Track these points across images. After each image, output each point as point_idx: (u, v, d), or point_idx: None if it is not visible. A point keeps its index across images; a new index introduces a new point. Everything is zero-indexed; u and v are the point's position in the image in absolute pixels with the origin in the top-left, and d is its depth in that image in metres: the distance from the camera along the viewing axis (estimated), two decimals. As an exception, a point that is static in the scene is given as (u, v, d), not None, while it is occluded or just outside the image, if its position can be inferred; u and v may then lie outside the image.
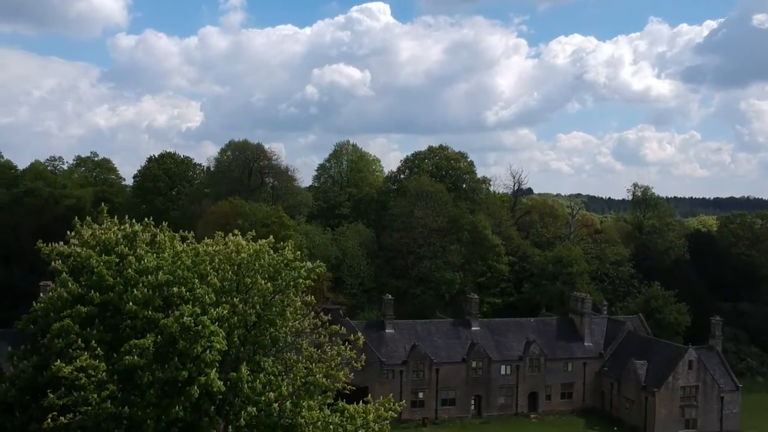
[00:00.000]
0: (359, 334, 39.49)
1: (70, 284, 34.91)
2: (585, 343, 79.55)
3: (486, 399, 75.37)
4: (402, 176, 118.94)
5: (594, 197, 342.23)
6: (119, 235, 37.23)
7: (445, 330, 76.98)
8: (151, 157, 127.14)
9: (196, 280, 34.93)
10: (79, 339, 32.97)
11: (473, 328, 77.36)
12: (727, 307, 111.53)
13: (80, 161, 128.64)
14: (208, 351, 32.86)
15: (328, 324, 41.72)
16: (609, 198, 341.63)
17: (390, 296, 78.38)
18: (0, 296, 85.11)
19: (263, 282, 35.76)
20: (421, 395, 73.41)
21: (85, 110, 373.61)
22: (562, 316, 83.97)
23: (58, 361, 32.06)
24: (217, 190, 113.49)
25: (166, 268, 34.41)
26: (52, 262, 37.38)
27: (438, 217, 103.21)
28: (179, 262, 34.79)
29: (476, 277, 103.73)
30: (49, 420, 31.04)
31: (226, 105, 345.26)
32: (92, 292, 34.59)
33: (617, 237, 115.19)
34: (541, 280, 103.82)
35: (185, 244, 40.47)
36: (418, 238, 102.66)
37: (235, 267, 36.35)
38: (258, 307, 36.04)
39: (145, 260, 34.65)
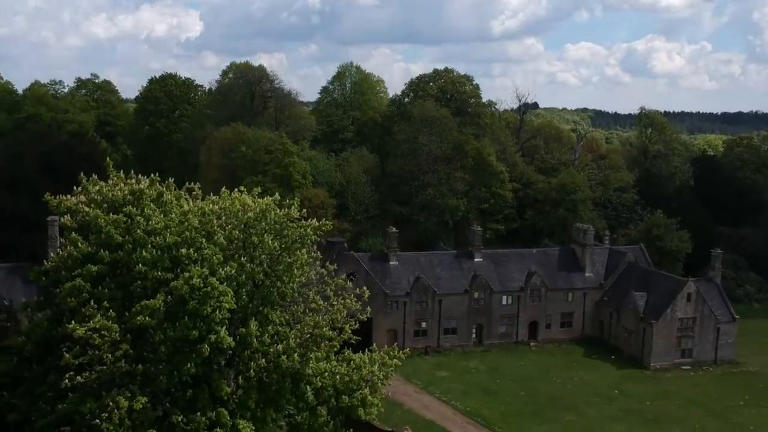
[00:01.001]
0: (365, 288, 40.05)
1: (80, 243, 35.37)
2: (586, 274, 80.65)
3: (487, 328, 77.17)
4: (406, 100, 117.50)
5: (600, 112, 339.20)
6: (125, 192, 37.40)
7: (448, 262, 77.99)
8: (152, 78, 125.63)
9: (204, 240, 35.31)
10: (92, 300, 33.69)
11: (476, 260, 78.36)
12: (729, 233, 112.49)
13: (81, 83, 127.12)
14: (217, 311, 33.61)
15: (334, 272, 42.44)
16: (615, 113, 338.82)
17: (394, 229, 78.97)
18: (7, 224, 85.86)
19: (270, 241, 36.14)
20: (423, 325, 75.16)
21: (83, 19, 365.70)
22: (563, 247, 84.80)
23: (72, 322, 32.86)
24: (220, 114, 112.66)
25: (173, 229, 34.73)
26: (61, 218, 37.79)
27: (442, 144, 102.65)
28: (186, 223, 35.07)
29: (480, 204, 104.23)
30: (67, 380, 32.09)
31: (226, 14, 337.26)
32: (102, 251, 35.10)
33: (622, 162, 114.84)
34: (545, 207, 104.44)
35: (191, 197, 40.80)
36: (423, 164, 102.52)
37: (242, 225, 36.64)
38: (265, 265, 36.57)
39: (153, 221, 34.93)
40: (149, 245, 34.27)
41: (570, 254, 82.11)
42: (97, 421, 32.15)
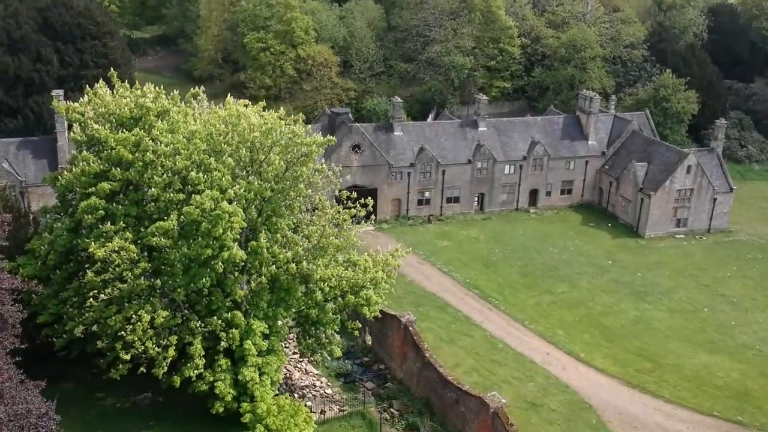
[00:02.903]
0: (369, 198, 41.17)
1: (91, 162, 36.28)
2: (589, 142, 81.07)
3: (489, 196, 78.99)
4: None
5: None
6: (131, 106, 37.71)
7: (452, 131, 78.19)
8: None
9: (212, 160, 36.13)
10: (107, 217, 35.20)
11: (480, 129, 78.54)
12: (738, 88, 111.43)
13: None
14: (229, 231, 35.17)
15: (339, 173, 43.40)
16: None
17: (399, 99, 78.40)
18: (10, 86, 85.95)
19: (276, 160, 36.94)
20: (427, 194, 76.93)
21: None
22: (568, 114, 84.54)
23: (91, 238, 34.58)
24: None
25: (183, 153, 35.46)
26: (71, 132, 38.43)
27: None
28: (194, 147, 35.72)
29: (487, 61, 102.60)
30: (91, 299, 34.36)
31: None
32: (114, 168, 36.12)
33: (635, 15, 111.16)
34: (553, 64, 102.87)
35: (196, 104, 41.08)
36: (429, 19, 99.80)
37: (248, 143, 37.26)
38: (272, 182, 37.61)
39: (162, 144, 35.58)
40: (159, 168, 35.22)
41: (574, 122, 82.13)
42: (123, 333, 34.89)
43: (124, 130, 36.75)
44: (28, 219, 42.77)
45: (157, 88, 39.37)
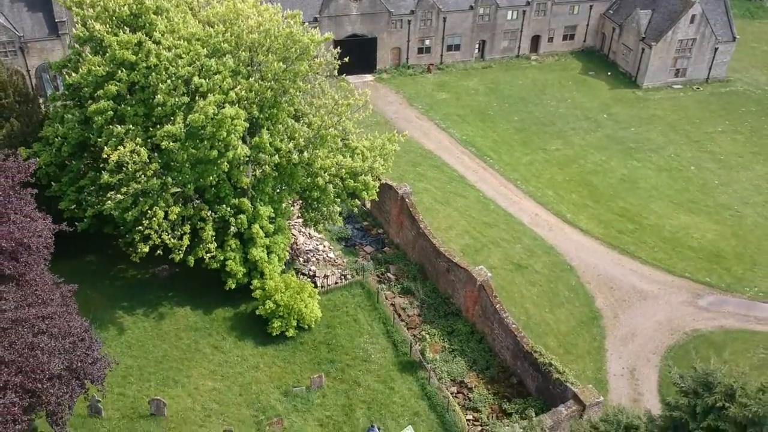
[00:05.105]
0: (367, 90, 42.11)
1: (97, 64, 37.15)
2: (595, -16, 79.09)
3: (490, 43, 78.35)
4: None
5: None
6: (130, 2, 37.80)
7: (454, -26, 75.93)
8: None
9: (213, 61, 36.90)
10: (118, 125, 36.84)
11: (484, -29, 76.28)
12: None
13: None
14: (233, 135, 36.92)
15: (337, 57, 43.98)
16: None
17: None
18: None
19: (274, 62, 37.65)
20: (427, 42, 76.32)
21: None
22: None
23: (106, 147, 36.50)
24: None
25: (185, 58, 36.19)
26: (73, 29, 38.75)
27: None
28: (195, 52, 36.32)
29: None
30: (109, 202, 36.86)
31: None
32: (120, 71, 37.11)
33: None
34: None
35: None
36: None
37: (248, 43, 37.75)
38: (272, 81, 38.57)
39: (163, 48, 36.19)
40: (163, 72, 36.16)
41: (582, -38, 79.33)
42: (140, 227, 37.88)
43: (125, 27, 37.20)
44: (37, 103, 44.09)
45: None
